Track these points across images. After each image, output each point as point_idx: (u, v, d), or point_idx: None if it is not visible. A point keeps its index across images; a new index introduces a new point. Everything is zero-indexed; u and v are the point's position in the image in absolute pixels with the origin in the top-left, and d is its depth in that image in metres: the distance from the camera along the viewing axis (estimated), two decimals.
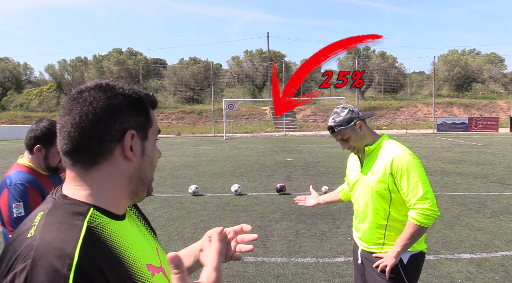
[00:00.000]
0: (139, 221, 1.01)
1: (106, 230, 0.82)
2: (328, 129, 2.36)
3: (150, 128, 0.94)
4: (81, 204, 0.84)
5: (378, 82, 43.80)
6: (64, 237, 0.75)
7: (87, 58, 47.56)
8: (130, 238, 0.87)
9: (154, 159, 0.95)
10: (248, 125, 34.50)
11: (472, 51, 48.52)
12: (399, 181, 2.14)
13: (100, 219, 0.83)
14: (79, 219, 0.80)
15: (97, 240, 0.78)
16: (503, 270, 4.19)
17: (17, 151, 19.79)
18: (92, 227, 0.79)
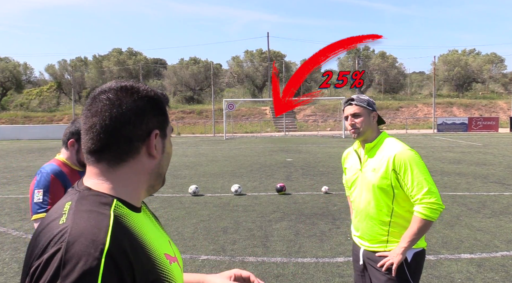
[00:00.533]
0: (151, 215, 1.07)
1: (129, 219, 0.88)
2: (348, 100, 2.37)
3: (168, 127, 1.00)
4: (106, 195, 0.90)
5: (378, 82, 43.79)
6: (96, 224, 0.81)
7: (87, 58, 47.56)
8: (148, 229, 0.93)
9: (171, 154, 1.03)
10: (248, 125, 34.50)
11: (472, 51, 48.55)
12: (402, 176, 2.16)
13: (123, 209, 0.89)
14: (106, 208, 0.86)
15: (124, 228, 0.84)
16: (503, 270, 4.19)
17: (17, 150, 19.80)
18: (118, 216, 0.86)
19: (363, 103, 2.31)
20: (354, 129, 2.32)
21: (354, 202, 2.43)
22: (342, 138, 24.66)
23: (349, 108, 2.34)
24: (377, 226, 2.26)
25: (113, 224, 0.82)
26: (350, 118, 2.32)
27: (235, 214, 6.66)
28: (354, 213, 2.45)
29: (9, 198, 8.39)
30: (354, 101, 2.33)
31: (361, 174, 2.34)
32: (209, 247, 5.00)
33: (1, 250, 5.08)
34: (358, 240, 2.41)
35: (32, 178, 10.27)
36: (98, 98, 0.91)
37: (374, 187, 2.23)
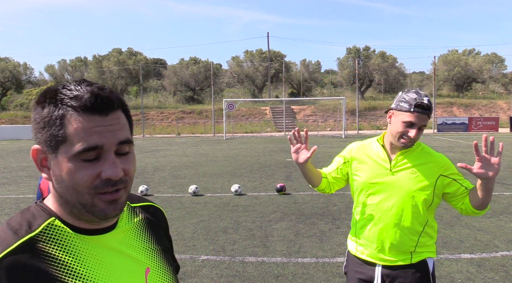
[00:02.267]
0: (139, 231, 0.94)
1: (56, 244, 0.78)
2: (420, 104, 1.92)
3: (65, 145, 0.77)
4: (45, 212, 0.82)
5: (378, 82, 43.79)
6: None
7: (87, 58, 47.57)
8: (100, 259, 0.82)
9: (71, 182, 0.78)
10: (248, 125, 34.50)
11: (472, 51, 48.53)
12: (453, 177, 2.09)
13: (56, 230, 0.80)
14: (28, 229, 0.78)
15: (31, 254, 0.75)
16: (503, 270, 4.19)
17: (17, 150, 19.79)
18: (37, 240, 0.77)
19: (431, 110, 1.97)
20: (411, 142, 1.98)
21: (377, 206, 2.05)
22: (342, 138, 24.66)
23: (420, 117, 1.93)
24: (407, 235, 2.01)
25: (17, 247, 0.74)
26: (416, 130, 1.94)
27: (235, 214, 6.66)
28: (373, 221, 2.06)
29: (9, 198, 8.39)
30: (429, 111, 1.94)
31: (392, 176, 2.03)
32: (209, 247, 5.00)
33: None
34: (375, 254, 2.06)
35: (32, 177, 10.20)
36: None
37: (413, 193, 2.00)
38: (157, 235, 0.98)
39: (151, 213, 1.02)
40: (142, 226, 0.96)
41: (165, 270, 0.94)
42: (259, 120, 35.25)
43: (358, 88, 36.71)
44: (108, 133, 0.78)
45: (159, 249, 0.97)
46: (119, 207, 0.81)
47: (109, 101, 0.78)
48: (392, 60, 44.16)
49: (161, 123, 35.56)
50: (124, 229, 0.91)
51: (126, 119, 0.85)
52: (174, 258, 1.06)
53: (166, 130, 34.21)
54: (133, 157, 0.85)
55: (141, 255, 0.91)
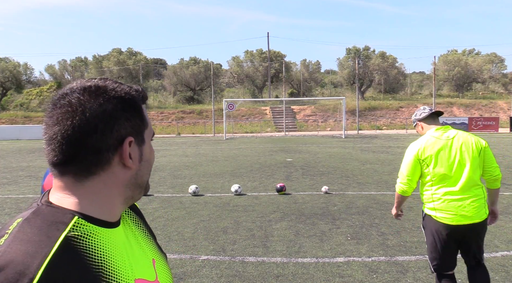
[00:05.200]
0: (135, 226, 0.96)
1: (91, 241, 0.77)
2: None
3: (146, 130, 0.87)
4: (66, 211, 0.78)
5: (378, 82, 43.78)
6: (32, 251, 0.68)
7: (87, 58, 47.62)
8: (120, 249, 0.82)
9: (151, 161, 0.91)
10: (248, 126, 34.50)
11: (472, 51, 48.53)
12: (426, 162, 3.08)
13: (86, 228, 0.78)
14: (58, 228, 0.74)
15: (74, 254, 0.72)
16: (503, 270, 4.19)
17: (17, 151, 19.80)
18: (72, 237, 0.74)
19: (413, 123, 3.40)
20: None
21: None
22: (342, 138, 24.66)
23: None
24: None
25: (56, 251, 0.69)
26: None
27: (235, 214, 6.66)
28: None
29: (9, 198, 8.39)
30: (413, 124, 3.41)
31: None
32: (209, 247, 5.00)
33: None
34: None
35: (32, 177, 10.20)
36: (59, 103, 0.78)
37: None
38: (147, 228, 1.01)
39: (135, 207, 1.03)
40: (135, 219, 0.98)
41: (164, 260, 0.98)
42: (259, 120, 35.24)
43: (358, 88, 36.71)
44: None
45: (153, 241, 1.00)
46: None
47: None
48: (392, 60, 44.16)
49: (161, 123, 35.56)
50: (127, 221, 0.94)
51: None
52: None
53: (166, 130, 34.20)
54: None
55: (146, 247, 0.93)
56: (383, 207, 6.92)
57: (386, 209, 6.72)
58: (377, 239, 5.24)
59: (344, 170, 11.42)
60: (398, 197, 3.23)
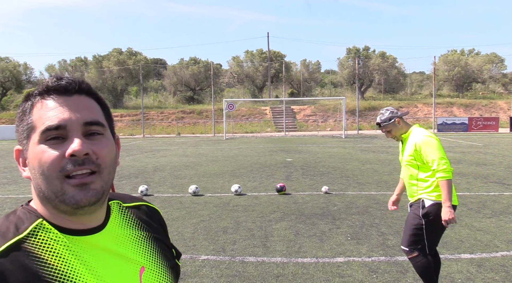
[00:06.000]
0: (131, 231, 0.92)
1: (47, 245, 0.77)
2: (377, 124, 3.45)
3: (33, 134, 0.77)
4: (33, 215, 0.80)
5: (378, 82, 43.77)
6: None
7: (87, 58, 47.53)
8: (85, 257, 0.79)
9: (39, 166, 0.76)
10: (248, 125, 34.49)
11: (472, 51, 48.52)
12: (421, 153, 3.22)
13: (45, 233, 0.78)
14: (18, 229, 0.77)
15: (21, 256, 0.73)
16: (503, 270, 4.19)
17: None
18: (26, 239, 0.76)
19: (387, 122, 3.38)
20: (393, 138, 3.47)
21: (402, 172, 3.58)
22: (342, 138, 24.66)
23: (380, 129, 3.46)
24: (410, 186, 3.42)
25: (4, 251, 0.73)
26: (386, 134, 3.48)
27: (235, 214, 6.66)
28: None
29: (9, 198, 8.39)
30: (381, 124, 3.41)
31: (401, 154, 3.51)
32: (209, 247, 5.00)
33: None
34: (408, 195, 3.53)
35: None
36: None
37: (406, 163, 3.38)
38: (152, 233, 0.96)
39: (144, 212, 1.00)
40: (135, 225, 0.94)
41: (162, 269, 0.92)
42: (259, 120, 35.24)
43: (358, 88, 36.69)
44: (72, 112, 0.76)
45: (156, 247, 0.95)
46: (91, 193, 0.76)
47: (72, 82, 0.78)
48: (392, 60, 44.14)
49: (161, 123, 35.55)
50: (115, 228, 0.88)
51: (100, 107, 0.84)
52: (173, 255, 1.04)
53: (166, 130, 34.19)
54: (108, 142, 0.81)
55: (135, 254, 0.88)
56: (383, 207, 6.92)
57: (386, 209, 6.72)
58: (377, 239, 5.24)
59: (344, 170, 11.42)
60: (450, 183, 3.13)
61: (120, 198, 0.98)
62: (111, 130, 0.85)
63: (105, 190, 0.80)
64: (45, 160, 0.74)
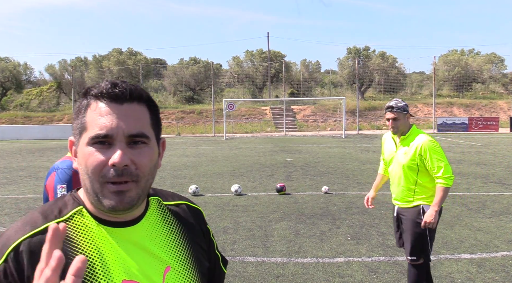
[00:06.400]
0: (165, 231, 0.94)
1: (82, 231, 0.83)
2: (389, 107, 3.15)
3: (85, 132, 0.83)
4: (77, 202, 0.88)
5: (378, 82, 43.76)
6: (18, 228, 0.82)
7: (87, 58, 47.52)
8: (115, 248, 0.84)
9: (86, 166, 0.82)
10: (248, 125, 34.49)
11: (472, 51, 48.51)
12: (426, 159, 3.08)
13: (83, 219, 0.85)
14: (60, 213, 0.85)
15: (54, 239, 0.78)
16: (503, 270, 4.19)
17: (17, 150, 19.79)
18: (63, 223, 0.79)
19: (401, 110, 3.13)
20: (395, 129, 3.19)
21: (391, 173, 3.37)
22: (342, 138, 24.65)
23: (389, 114, 3.14)
24: (405, 191, 3.23)
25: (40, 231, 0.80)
26: (391, 122, 3.16)
27: (235, 214, 6.66)
28: (390, 181, 3.40)
29: (9, 198, 8.39)
30: (394, 109, 3.12)
31: (395, 154, 3.28)
32: None
33: None
34: (394, 200, 3.37)
35: (32, 178, 10.18)
36: None
37: (404, 165, 3.18)
38: (187, 234, 0.97)
39: (184, 212, 1.01)
40: (170, 224, 0.96)
41: (189, 271, 0.93)
42: (259, 120, 35.23)
43: (358, 88, 36.69)
44: (119, 122, 0.81)
45: (188, 249, 0.95)
46: (127, 200, 0.81)
47: (125, 90, 0.83)
48: (392, 60, 44.14)
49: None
50: (149, 224, 0.92)
51: (149, 114, 0.87)
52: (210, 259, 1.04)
53: (166, 130, 34.18)
54: (150, 151, 0.85)
55: (163, 252, 0.90)
56: (383, 207, 6.91)
57: (386, 209, 6.72)
58: (377, 239, 5.24)
59: (344, 170, 11.42)
60: (448, 191, 3.10)
61: (162, 195, 1.01)
62: (157, 135, 0.90)
63: (141, 196, 0.85)
64: (90, 163, 0.81)
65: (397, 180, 3.27)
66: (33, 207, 7.49)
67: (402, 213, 3.28)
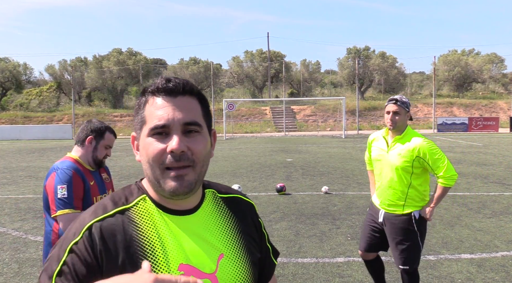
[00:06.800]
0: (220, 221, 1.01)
1: (145, 216, 0.94)
2: (393, 99, 3.01)
3: (144, 126, 0.94)
4: (141, 190, 0.98)
5: (378, 82, 43.74)
6: (92, 212, 0.93)
7: (87, 58, 47.47)
8: (173, 233, 0.93)
9: (147, 156, 0.91)
10: (248, 126, 34.49)
11: (472, 51, 48.51)
12: (427, 161, 2.95)
13: (146, 206, 0.95)
14: (127, 200, 0.96)
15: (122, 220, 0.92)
16: (503, 270, 4.19)
17: (17, 151, 19.79)
18: (130, 209, 0.94)
19: (404, 105, 2.99)
20: (392, 123, 2.99)
21: (379, 175, 3.17)
22: (342, 139, 24.65)
23: (392, 106, 2.99)
24: (396, 194, 3.05)
25: (110, 215, 0.92)
26: (391, 114, 2.98)
27: None
28: (377, 184, 3.22)
29: (9, 198, 8.38)
30: (398, 102, 2.98)
31: (387, 155, 3.09)
32: None
33: (1, 250, 5.07)
34: (379, 204, 3.18)
35: (32, 178, 10.17)
36: None
37: (397, 167, 3.00)
38: (240, 225, 1.04)
39: (237, 204, 1.09)
40: (224, 215, 1.03)
41: (241, 259, 1.00)
42: (259, 120, 35.23)
43: (358, 88, 36.69)
44: (174, 113, 0.90)
45: (240, 239, 1.03)
46: (186, 184, 0.90)
47: (178, 84, 0.93)
48: (392, 60, 44.11)
49: None
50: (205, 214, 1.00)
51: (200, 106, 0.96)
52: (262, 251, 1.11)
53: None
54: (203, 139, 0.94)
55: (217, 241, 0.98)
56: None
57: None
58: None
59: (344, 170, 11.42)
60: (448, 190, 3.05)
61: (217, 188, 1.09)
62: (209, 125, 0.98)
63: (198, 181, 0.94)
64: (151, 151, 0.90)
65: (387, 183, 3.08)
66: (33, 207, 7.49)
67: (391, 220, 3.10)
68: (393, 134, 3.08)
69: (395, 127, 3.00)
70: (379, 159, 3.14)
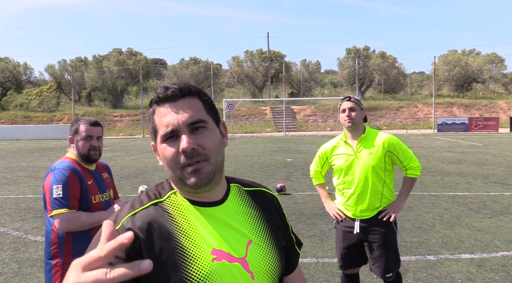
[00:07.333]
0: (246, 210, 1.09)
1: (176, 208, 1.02)
2: (346, 97, 3.02)
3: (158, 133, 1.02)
4: (171, 186, 1.06)
5: (378, 82, 43.75)
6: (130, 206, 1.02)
7: (87, 58, 47.47)
8: (203, 222, 1.01)
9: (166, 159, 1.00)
10: (248, 126, 34.49)
11: (472, 51, 48.51)
12: (396, 154, 2.96)
13: (176, 200, 1.03)
14: (160, 194, 1.04)
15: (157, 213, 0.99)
16: (503, 270, 4.19)
17: (17, 151, 19.79)
18: (162, 202, 1.02)
19: (357, 101, 3.00)
20: (350, 120, 2.92)
21: (350, 182, 3.04)
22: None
23: (347, 104, 2.97)
24: (373, 196, 2.94)
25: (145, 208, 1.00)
26: (347, 111, 2.94)
27: None
28: (349, 194, 3.05)
29: (9, 198, 8.38)
30: (352, 98, 2.99)
31: (356, 158, 2.98)
32: None
33: (1, 250, 5.08)
34: (355, 213, 3.02)
35: (32, 178, 10.19)
36: None
37: (374, 166, 2.92)
38: (265, 215, 1.12)
39: (261, 195, 1.17)
40: (250, 205, 1.11)
41: (268, 246, 1.07)
42: (259, 120, 35.23)
43: (358, 88, 36.70)
44: (179, 116, 0.98)
45: (266, 227, 1.10)
46: (203, 176, 0.98)
47: (175, 90, 1.00)
48: (392, 60, 44.11)
49: None
50: (232, 205, 1.08)
51: (202, 103, 1.03)
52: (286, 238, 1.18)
53: None
54: (211, 132, 1.01)
55: (245, 229, 1.06)
56: None
57: None
58: None
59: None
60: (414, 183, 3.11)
61: (242, 182, 1.18)
62: (215, 118, 1.05)
63: (216, 171, 1.01)
64: (167, 155, 0.99)
65: (362, 187, 2.94)
66: (33, 207, 7.49)
67: (369, 226, 2.95)
68: (355, 136, 2.98)
69: (353, 125, 2.91)
70: (349, 165, 2.99)
